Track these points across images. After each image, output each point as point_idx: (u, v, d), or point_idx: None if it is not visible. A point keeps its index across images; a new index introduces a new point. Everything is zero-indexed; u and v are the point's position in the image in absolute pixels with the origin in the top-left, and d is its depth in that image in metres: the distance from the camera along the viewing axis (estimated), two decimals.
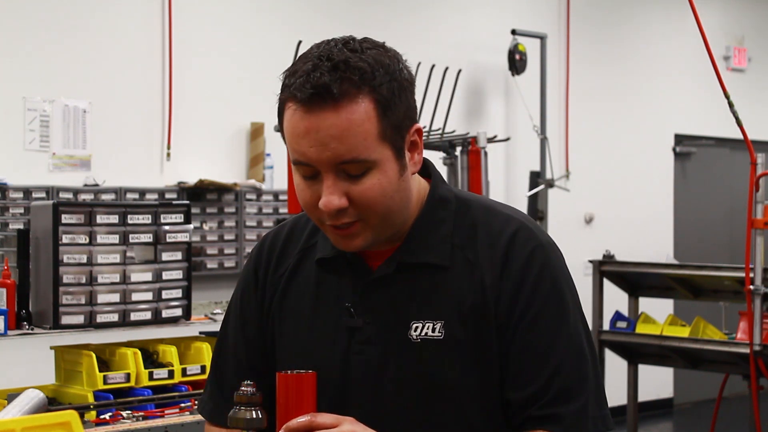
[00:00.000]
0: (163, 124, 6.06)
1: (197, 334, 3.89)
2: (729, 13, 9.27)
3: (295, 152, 1.64)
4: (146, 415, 3.35)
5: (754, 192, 4.67)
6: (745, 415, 6.33)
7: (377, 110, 1.62)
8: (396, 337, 1.70)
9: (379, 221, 1.66)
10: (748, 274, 4.66)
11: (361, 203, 1.63)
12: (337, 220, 1.64)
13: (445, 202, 1.75)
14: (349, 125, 1.59)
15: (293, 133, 1.63)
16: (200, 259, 5.92)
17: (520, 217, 1.76)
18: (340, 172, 1.62)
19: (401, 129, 1.66)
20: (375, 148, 1.62)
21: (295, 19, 6.53)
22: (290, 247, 1.82)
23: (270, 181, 6.31)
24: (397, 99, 1.64)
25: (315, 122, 1.60)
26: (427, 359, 1.68)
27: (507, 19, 7.59)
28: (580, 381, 1.68)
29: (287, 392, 1.62)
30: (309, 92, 1.60)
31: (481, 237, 1.72)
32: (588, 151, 8.19)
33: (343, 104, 1.59)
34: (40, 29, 5.63)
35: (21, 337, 3.36)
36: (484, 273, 1.69)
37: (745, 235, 4.73)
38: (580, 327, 1.72)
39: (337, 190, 1.62)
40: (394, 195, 1.65)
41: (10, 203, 5.33)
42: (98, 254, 3.44)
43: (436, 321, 1.69)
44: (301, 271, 1.79)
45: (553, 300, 1.69)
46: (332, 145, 1.60)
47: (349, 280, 1.74)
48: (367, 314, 1.71)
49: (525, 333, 1.68)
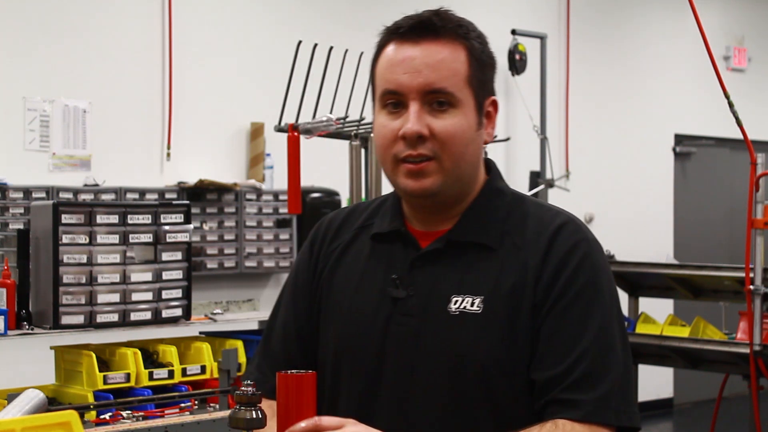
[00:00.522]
0: (163, 124, 6.06)
1: (197, 334, 3.90)
2: (729, 13, 9.27)
3: (387, 83, 1.75)
4: (146, 415, 3.35)
5: (754, 192, 4.67)
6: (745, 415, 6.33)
7: (469, 57, 1.76)
8: (435, 309, 1.76)
9: (451, 164, 1.74)
10: (748, 274, 4.66)
11: (441, 137, 1.72)
12: (414, 149, 1.73)
13: (501, 193, 1.84)
14: (443, 57, 1.73)
15: (389, 63, 1.76)
16: (200, 259, 5.92)
17: (570, 214, 1.83)
18: (426, 104, 1.73)
19: (483, 88, 1.78)
20: (461, 88, 1.74)
21: (295, 19, 6.53)
22: (347, 225, 1.92)
23: (270, 181, 6.31)
24: (485, 59, 1.78)
25: (413, 51, 1.74)
26: (463, 332, 1.73)
27: (507, 19, 7.59)
28: (604, 370, 1.70)
29: (287, 392, 1.62)
30: (412, 23, 1.76)
31: (531, 226, 1.79)
32: (588, 151, 8.19)
33: (442, 39, 1.74)
34: (40, 29, 5.63)
35: (21, 337, 3.36)
36: (528, 256, 1.75)
37: (745, 235, 4.72)
38: (615, 323, 1.75)
39: (421, 118, 1.72)
40: (469, 144, 1.76)
41: (10, 203, 5.33)
42: (98, 254, 3.44)
43: (476, 296, 1.74)
44: (355, 245, 1.88)
45: (590, 289, 1.73)
46: (425, 72, 1.72)
47: (399, 254, 1.82)
48: (411, 287, 1.78)
49: (557, 316, 1.72)
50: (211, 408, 3.50)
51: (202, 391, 3.54)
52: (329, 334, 1.85)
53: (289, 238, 6.31)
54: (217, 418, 3.40)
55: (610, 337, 1.72)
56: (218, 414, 3.43)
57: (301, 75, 4.66)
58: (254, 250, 6.18)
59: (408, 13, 1.85)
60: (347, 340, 1.83)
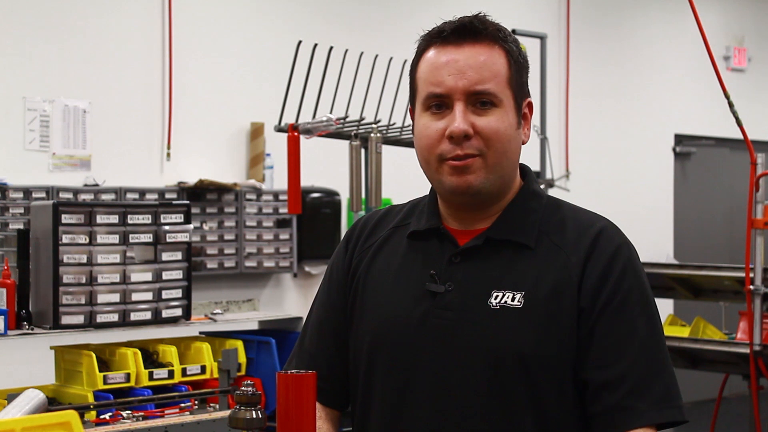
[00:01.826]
0: (163, 124, 6.06)
1: (197, 334, 3.89)
2: (729, 13, 9.27)
3: (430, 85, 1.81)
4: (146, 415, 3.35)
5: (754, 192, 4.67)
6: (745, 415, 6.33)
7: (508, 60, 1.84)
8: (475, 304, 1.78)
9: (495, 161, 1.79)
10: (748, 274, 4.66)
11: (486, 134, 1.78)
12: (460, 149, 1.77)
13: (538, 196, 1.90)
14: (486, 60, 1.80)
15: (432, 66, 1.81)
16: (200, 259, 5.92)
17: (606, 218, 1.88)
18: (470, 104, 1.79)
19: (522, 90, 1.87)
20: (503, 89, 1.81)
21: (295, 19, 6.53)
22: (383, 223, 1.96)
23: (270, 181, 6.31)
24: (521, 63, 1.87)
25: (457, 53, 1.80)
26: (503, 326, 1.75)
27: (507, 19, 7.53)
28: (659, 372, 1.76)
29: (287, 392, 1.62)
30: (455, 26, 1.83)
31: (570, 227, 1.84)
32: (588, 151, 8.19)
33: (482, 42, 1.82)
34: (40, 29, 5.63)
35: (21, 337, 3.36)
36: (570, 254, 1.80)
37: (745, 235, 4.72)
38: (658, 321, 1.81)
39: (466, 117, 1.78)
40: (511, 140, 1.82)
41: (10, 203, 5.33)
42: (98, 254, 3.44)
43: (517, 291, 1.77)
44: (391, 242, 1.92)
45: (635, 293, 1.78)
46: (469, 73, 1.78)
47: (436, 251, 1.85)
48: (449, 282, 1.81)
49: (610, 318, 1.76)
50: (211, 408, 3.50)
51: (202, 391, 3.54)
52: (363, 328, 1.87)
53: (289, 238, 6.31)
54: (217, 418, 3.40)
55: (657, 339, 1.78)
56: (218, 414, 3.43)
57: (301, 75, 4.66)
58: (254, 250, 6.18)
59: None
60: (383, 334, 1.84)
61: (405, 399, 1.80)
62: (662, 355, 1.78)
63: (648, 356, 1.76)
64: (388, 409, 1.82)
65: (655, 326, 1.79)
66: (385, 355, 1.83)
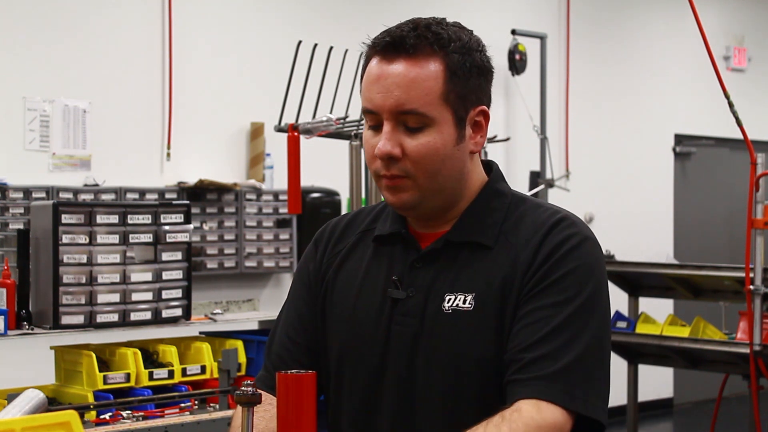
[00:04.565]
0: (163, 124, 6.06)
1: (197, 334, 3.89)
2: (729, 13, 9.27)
3: (365, 101, 1.77)
4: (146, 415, 3.35)
5: (754, 192, 4.67)
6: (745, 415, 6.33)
7: (445, 73, 1.73)
8: (432, 309, 1.76)
9: (426, 182, 1.74)
10: (748, 274, 4.66)
11: (413, 157, 1.73)
12: (388, 170, 1.74)
13: (501, 195, 1.84)
14: (414, 77, 1.71)
15: (366, 80, 1.76)
16: (200, 259, 5.92)
17: (569, 213, 1.81)
18: (400, 123, 1.73)
19: (466, 101, 1.76)
20: (436, 106, 1.72)
21: (295, 19, 6.52)
22: (351, 228, 1.94)
23: (270, 181, 6.31)
24: (467, 71, 1.75)
25: (386, 70, 1.73)
26: (456, 330, 1.74)
27: (507, 19, 7.59)
28: (564, 352, 1.66)
29: (287, 392, 1.62)
30: (385, 41, 1.74)
31: (527, 224, 1.78)
32: (588, 151, 8.19)
33: (415, 58, 1.72)
34: (40, 29, 5.63)
35: (21, 337, 3.36)
36: (520, 251, 1.75)
37: (745, 235, 4.72)
38: (595, 315, 1.71)
39: (393, 138, 1.73)
40: (446, 160, 1.74)
41: (10, 203, 5.33)
42: (98, 254, 3.44)
43: (468, 293, 1.75)
44: (358, 248, 1.89)
45: (572, 278, 1.71)
46: (396, 92, 1.71)
47: (400, 256, 1.83)
48: (411, 287, 1.79)
49: (533, 299, 1.71)
50: (211, 408, 3.50)
51: (202, 391, 3.54)
52: (331, 336, 1.87)
53: (289, 238, 6.31)
54: (217, 418, 3.40)
55: (581, 324, 1.69)
56: (218, 414, 3.43)
57: (301, 75, 4.66)
58: (254, 250, 6.18)
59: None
60: (350, 342, 1.84)
61: (373, 406, 1.80)
62: (579, 341, 1.67)
63: (561, 338, 1.66)
64: (357, 416, 1.82)
65: (583, 313, 1.69)
66: (353, 364, 1.83)
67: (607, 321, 1.75)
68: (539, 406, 1.63)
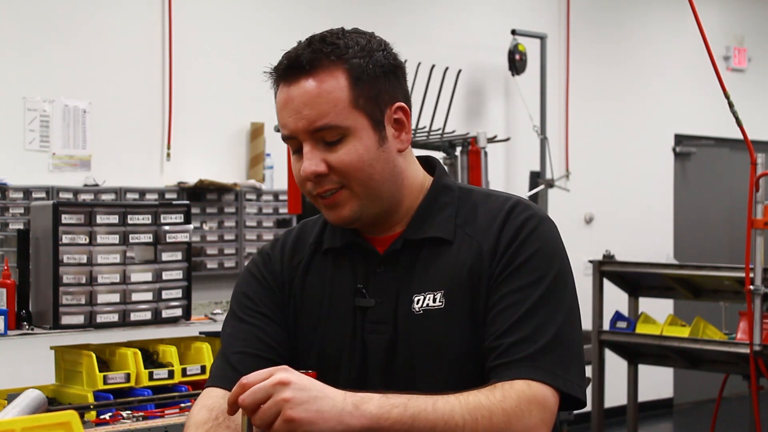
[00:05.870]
0: (163, 124, 6.06)
1: (197, 334, 3.89)
2: (729, 13, 9.27)
3: (281, 127, 1.76)
4: (146, 415, 3.35)
5: (754, 192, 4.67)
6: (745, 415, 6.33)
7: (349, 80, 1.72)
8: (403, 312, 1.75)
9: (362, 189, 1.73)
10: (748, 274, 4.66)
11: (340, 169, 1.72)
12: (320, 187, 1.74)
13: (449, 189, 1.83)
14: (319, 92, 1.71)
15: (278, 108, 1.76)
16: (200, 259, 5.92)
17: (519, 197, 1.82)
18: (318, 141, 1.72)
19: (378, 102, 1.74)
20: (347, 115, 1.71)
21: (295, 19, 6.53)
22: (301, 242, 1.90)
23: (270, 181, 6.31)
24: (371, 73, 1.73)
25: (290, 92, 1.73)
26: (430, 329, 1.73)
27: (507, 19, 7.59)
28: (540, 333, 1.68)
29: None
30: (284, 65, 1.75)
31: (481, 215, 1.78)
32: (588, 151, 8.19)
33: (314, 73, 1.72)
34: (40, 29, 5.63)
35: (21, 337, 3.36)
36: (482, 241, 1.75)
37: (745, 235, 4.72)
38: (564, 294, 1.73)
39: (315, 156, 1.72)
40: (374, 163, 1.73)
41: (10, 203, 5.33)
42: (98, 254, 3.44)
43: (437, 291, 1.75)
44: (314, 263, 1.86)
45: (537, 259, 1.72)
46: (305, 112, 1.71)
47: (360, 264, 1.81)
48: (377, 294, 1.78)
49: (503, 285, 1.72)
50: None
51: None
52: (307, 354, 1.82)
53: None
54: None
55: (554, 304, 1.71)
56: None
57: None
58: (254, 250, 6.18)
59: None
60: (326, 357, 1.81)
61: None
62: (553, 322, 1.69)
63: (537, 319, 1.68)
64: None
65: (553, 293, 1.71)
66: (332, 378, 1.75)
67: (575, 297, 1.77)
68: (528, 384, 1.64)
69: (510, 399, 1.61)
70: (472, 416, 1.58)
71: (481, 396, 1.60)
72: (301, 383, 1.51)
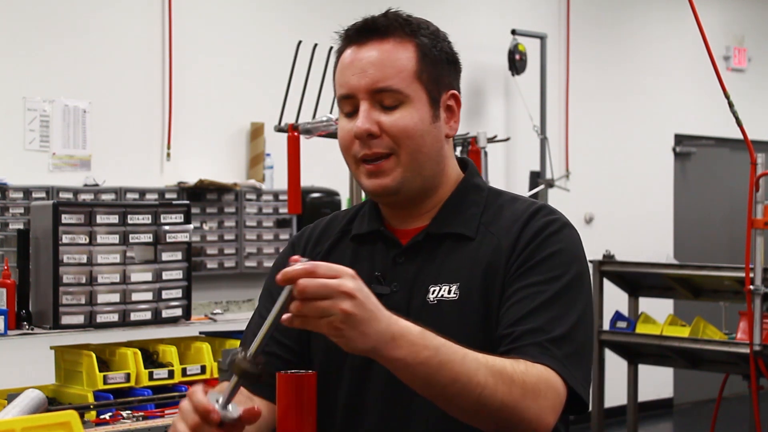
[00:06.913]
0: (163, 124, 6.06)
1: (197, 334, 3.89)
2: (729, 13, 9.27)
3: (340, 87, 1.80)
4: (146, 415, 3.35)
5: (754, 192, 4.67)
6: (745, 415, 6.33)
7: (417, 54, 1.78)
8: (417, 302, 1.78)
9: (409, 158, 1.77)
10: (748, 274, 4.66)
11: (393, 132, 1.76)
12: (369, 148, 1.76)
13: (478, 189, 1.87)
14: (388, 56, 1.77)
15: (341, 68, 1.80)
16: (200, 259, 5.92)
17: (545, 203, 1.85)
18: (375, 103, 1.76)
19: (439, 83, 1.81)
20: (410, 84, 1.77)
21: (295, 19, 6.53)
22: (329, 231, 1.94)
23: (270, 181, 6.31)
24: (436, 56, 1.81)
25: (360, 53, 1.79)
26: (442, 320, 1.74)
27: (507, 19, 7.59)
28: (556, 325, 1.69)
29: (287, 392, 1.62)
30: (359, 26, 1.82)
31: (506, 215, 1.82)
32: (588, 151, 8.19)
33: (386, 39, 1.78)
34: (40, 29, 5.63)
35: (21, 337, 3.36)
36: (502, 239, 1.78)
37: (745, 235, 4.72)
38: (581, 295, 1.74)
39: (370, 116, 1.76)
40: (425, 135, 1.78)
41: (10, 203, 5.33)
42: (98, 254, 3.44)
43: (452, 283, 1.77)
44: (337, 250, 1.90)
45: (556, 259, 1.75)
46: (370, 71, 1.76)
47: (381, 253, 1.84)
48: (395, 282, 1.81)
49: (519, 278, 1.73)
50: None
51: None
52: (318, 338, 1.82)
53: (289, 238, 6.31)
54: None
55: (568, 303, 1.72)
56: None
57: (301, 75, 4.66)
58: (254, 250, 6.18)
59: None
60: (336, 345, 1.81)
61: (361, 401, 1.80)
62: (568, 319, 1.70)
63: (551, 314, 1.69)
64: (343, 411, 1.81)
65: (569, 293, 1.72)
66: (338, 363, 1.82)
67: (590, 305, 1.78)
68: (546, 368, 1.65)
69: (531, 375, 1.62)
70: (495, 380, 1.59)
71: (507, 363, 1.62)
72: (362, 298, 1.50)
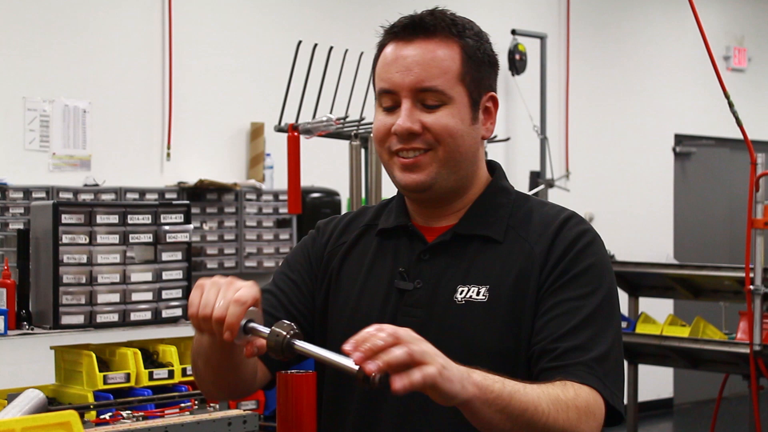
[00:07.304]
0: (163, 124, 6.06)
1: None
2: (729, 13, 9.27)
3: (381, 81, 1.80)
4: (146, 415, 3.35)
5: (754, 192, 4.67)
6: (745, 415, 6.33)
7: (462, 56, 1.78)
8: (442, 300, 1.78)
9: (446, 155, 1.77)
10: (748, 274, 4.66)
11: (435, 130, 1.76)
12: (408, 143, 1.77)
13: (506, 192, 1.88)
14: (433, 56, 1.77)
15: (384, 63, 1.80)
16: (200, 259, 5.92)
17: (573, 211, 1.87)
18: (417, 102, 1.77)
19: (479, 85, 1.81)
20: (453, 85, 1.77)
21: (295, 19, 6.53)
22: (354, 223, 1.95)
23: (270, 181, 6.31)
24: (481, 56, 1.81)
25: (405, 50, 1.78)
26: (469, 321, 1.75)
27: (507, 19, 7.59)
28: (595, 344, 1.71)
29: (287, 392, 1.62)
30: (405, 23, 1.81)
31: (536, 220, 1.82)
32: (588, 151, 8.19)
33: (433, 38, 1.78)
34: (40, 29, 5.63)
35: (21, 337, 3.35)
36: (534, 245, 1.78)
37: (745, 235, 4.73)
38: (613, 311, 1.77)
39: (413, 115, 1.76)
40: (465, 135, 1.79)
41: (10, 203, 5.33)
42: (98, 254, 3.44)
43: (482, 285, 1.77)
44: (361, 243, 1.91)
45: (591, 272, 1.76)
46: (416, 70, 1.76)
47: (405, 249, 1.85)
48: (418, 279, 1.81)
49: (557, 292, 1.74)
50: (211, 408, 3.49)
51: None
52: (335, 329, 1.86)
53: (289, 238, 6.31)
54: (217, 418, 3.40)
55: (605, 319, 1.74)
56: (218, 414, 3.43)
57: (301, 75, 4.66)
58: (254, 250, 6.18)
59: (407, 14, 1.86)
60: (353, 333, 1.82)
61: (377, 398, 1.79)
62: (605, 336, 1.72)
63: (590, 331, 1.71)
64: (358, 407, 1.81)
65: (605, 309, 1.75)
66: None
67: (620, 318, 1.81)
68: (591, 390, 1.67)
69: (581, 399, 1.64)
70: (555, 407, 1.61)
71: (558, 390, 1.64)
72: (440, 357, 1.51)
